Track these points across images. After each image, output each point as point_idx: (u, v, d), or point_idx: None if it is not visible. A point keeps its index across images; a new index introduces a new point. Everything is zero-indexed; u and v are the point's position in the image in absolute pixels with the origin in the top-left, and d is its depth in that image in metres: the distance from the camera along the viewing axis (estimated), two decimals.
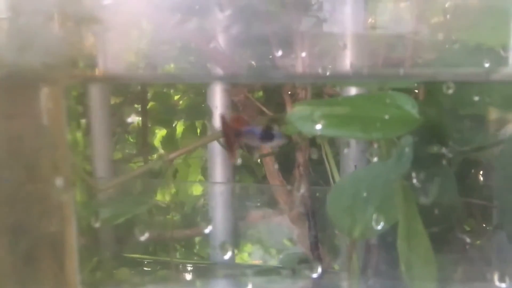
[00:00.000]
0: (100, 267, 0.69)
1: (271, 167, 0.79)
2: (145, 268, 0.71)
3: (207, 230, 0.71)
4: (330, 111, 0.68)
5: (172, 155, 0.73)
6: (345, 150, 0.78)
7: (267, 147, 0.68)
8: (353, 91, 0.78)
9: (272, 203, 0.77)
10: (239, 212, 0.76)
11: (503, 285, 0.63)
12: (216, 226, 0.74)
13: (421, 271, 0.67)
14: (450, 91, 0.65)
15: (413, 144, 0.68)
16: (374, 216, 0.69)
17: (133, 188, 0.72)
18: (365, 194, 0.71)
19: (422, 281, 0.67)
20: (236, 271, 0.68)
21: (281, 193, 0.78)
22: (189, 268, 0.74)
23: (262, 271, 0.73)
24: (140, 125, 0.79)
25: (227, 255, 0.69)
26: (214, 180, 0.77)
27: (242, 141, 0.67)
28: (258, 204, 0.77)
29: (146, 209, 0.69)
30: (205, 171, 0.78)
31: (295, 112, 0.68)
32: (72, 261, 0.56)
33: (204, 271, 0.71)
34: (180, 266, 0.73)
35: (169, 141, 0.82)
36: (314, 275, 0.65)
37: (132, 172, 0.75)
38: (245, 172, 0.80)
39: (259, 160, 0.79)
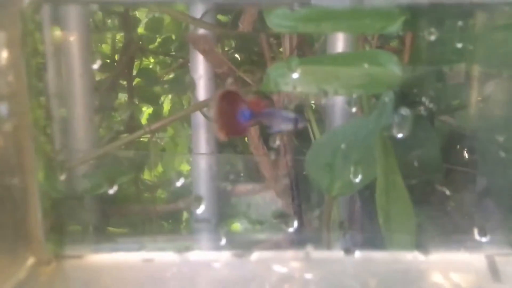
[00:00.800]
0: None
1: (256, 139, 0.78)
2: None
3: (192, 205, 0.71)
4: (311, 68, 0.67)
5: (154, 126, 0.72)
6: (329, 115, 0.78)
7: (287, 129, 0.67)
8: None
9: (257, 176, 0.77)
10: (224, 185, 0.76)
11: (483, 239, 0.67)
12: (201, 200, 0.74)
13: (400, 224, 0.69)
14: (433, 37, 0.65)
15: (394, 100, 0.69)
16: (354, 171, 0.70)
17: (116, 161, 0.71)
18: (344, 150, 0.71)
19: (400, 234, 0.70)
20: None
21: (266, 166, 0.78)
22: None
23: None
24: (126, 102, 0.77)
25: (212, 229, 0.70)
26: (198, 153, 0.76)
27: (261, 124, 0.67)
28: (243, 177, 0.77)
29: (127, 181, 0.68)
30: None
31: (274, 69, 0.67)
32: (35, 216, 0.57)
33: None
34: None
35: (156, 119, 0.80)
36: (290, 229, 0.67)
37: (112, 144, 0.73)
38: (228, 145, 0.79)
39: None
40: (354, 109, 0.76)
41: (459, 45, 0.68)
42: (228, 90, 0.67)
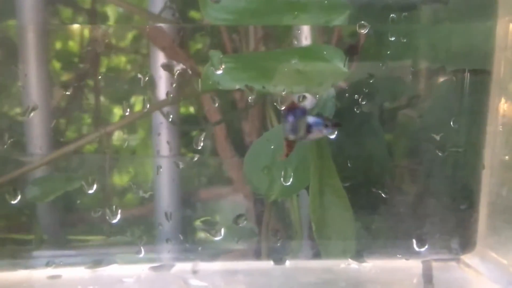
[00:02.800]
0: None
1: (222, 139, 0.74)
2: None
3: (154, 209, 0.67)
4: (254, 65, 0.64)
5: (109, 128, 0.67)
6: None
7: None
8: None
9: (224, 178, 0.72)
10: (188, 189, 0.71)
11: (422, 249, 0.64)
12: (163, 204, 0.69)
13: (337, 230, 0.66)
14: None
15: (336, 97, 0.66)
16: (292, 174, 0.66)
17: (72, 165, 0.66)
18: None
19: (337, 240, 0.66)
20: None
21: (233, 167, 0.73)
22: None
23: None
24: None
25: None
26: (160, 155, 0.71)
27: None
28: (209, 180, 0.72)
29: (78, 186, 0.64)
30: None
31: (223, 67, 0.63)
32: None
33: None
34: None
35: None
36: (217, 238, 0.62)
37: (65, 148, 0.68)
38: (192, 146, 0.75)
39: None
40: None
41: (405, 40, 0.65)
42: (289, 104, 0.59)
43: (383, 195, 0.66)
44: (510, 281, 0.58)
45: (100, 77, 0.69)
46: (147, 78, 0.66)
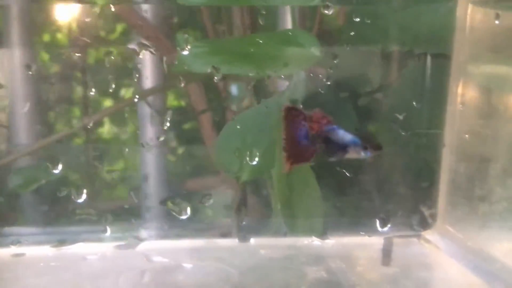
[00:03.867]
0: None
1: (209, 129, 0.73)
2: None
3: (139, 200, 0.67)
4: (226, 49, 0.65)
5: (91, 119, 0.67)
6: None
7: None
8: None
9: (211, 169, 0.72)
10: (175, 178, 0.72)
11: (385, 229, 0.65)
12: (150, 195, 0.69)
13: (304, 209, 0.67)
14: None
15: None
16: (262, 155, 0.67)
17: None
18: (255, 134, 0.68)
19: (305, 219, 0.67)
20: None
21: None
22: None
23: None
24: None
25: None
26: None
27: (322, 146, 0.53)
28: (196, 170, 0.73)
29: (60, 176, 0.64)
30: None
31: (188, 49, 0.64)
32: None
33: None
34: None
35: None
36: (183, 216, 0.63)
37: (48, 138, 0.68)
38: (179, 134, 0.74)
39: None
40: None
41: (376, 24, 0.66)
42: (289, 106, 0.55)
43: (347, 174, 0.67)
44: (465, 255, 0.59)
45: (86, 68, 0.69)
46: (132, 68, 0.67)
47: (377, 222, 0.65)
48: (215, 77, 0.65)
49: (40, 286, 0.52)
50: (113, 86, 0.66)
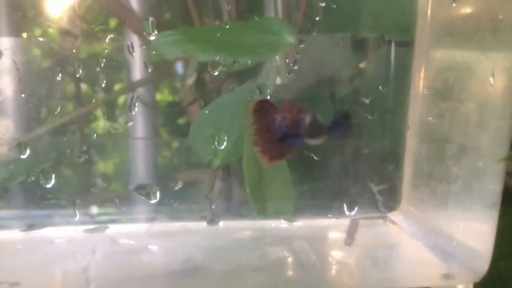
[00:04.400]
0: None
1: None
2: None
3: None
4: (199, 37, 0.65)
5: (80, 111, 0.68)
6: None
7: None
8: None
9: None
10: (165, 171, 0.72)
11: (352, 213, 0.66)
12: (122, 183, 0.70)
13: (274, 192, 0.68)
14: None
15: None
16: (235, 141, 0.68)
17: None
18: (228, 120, 0.69)
19: (275, 202, 0.68)
20: None
21: None
22: None
23: None
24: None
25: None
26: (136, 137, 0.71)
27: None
28: (186, 163, 0.73)
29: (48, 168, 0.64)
30: None
31: (161, 37, 0.64)
32: None
33: None
34: None
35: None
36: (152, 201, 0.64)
37: (37, 130, 0.69)
38: (169, 126, 0.74)
39: None
40: None
41: (343, 8, 0.67)
42: (261, 100, 0.55)
43: (315, 158, 0.68)
44: (425, 234, 0.61)
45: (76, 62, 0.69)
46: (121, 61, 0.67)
47: (344, 204, 0.67)
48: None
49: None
50: (104, 80, 0.67)
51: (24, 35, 0.67)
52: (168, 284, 0.51)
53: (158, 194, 0.65)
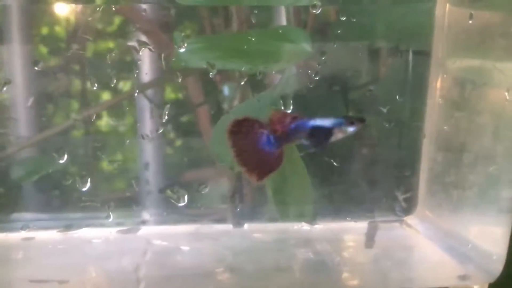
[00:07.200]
0: None
1: (205, 121, 0.76)
2: None
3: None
4: (220, 45, 0.69)
5: (90, 111, 0.70)
6: None
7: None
8: None
9: (209, 161, 0.75)
10: (173, 170, 0.75)
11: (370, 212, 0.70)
12: (148, 186, 0.73)
13: (295, 196, 0.71)
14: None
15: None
16: None
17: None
18: None
19: (296, 205, 0.72)
20: None
21: None
22: None
23: None
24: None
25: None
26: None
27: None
28: (193, 162, 0.76)
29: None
30: None
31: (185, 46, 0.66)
32: None
33: None
34: None
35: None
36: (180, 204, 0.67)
37: (48, 131, 0.72)
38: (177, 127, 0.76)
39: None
40: None
41: (363, 21, 0.70)
42: (239, 119, 0.54)
43: (335, 164, 0.72)
44: (441, 237, 0.64)
45: (86, 61, 0.71)
46: (132, 63, 0.70)
47: (363, 206, 0.70)
48: (210, 73, 0.69)
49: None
50: (114, 80, 0.70)
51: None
52: (209, 282, 0.55)
53: (186, 197, 0.69)
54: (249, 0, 0.70)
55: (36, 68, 0.67)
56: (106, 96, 0.73)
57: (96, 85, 0.70)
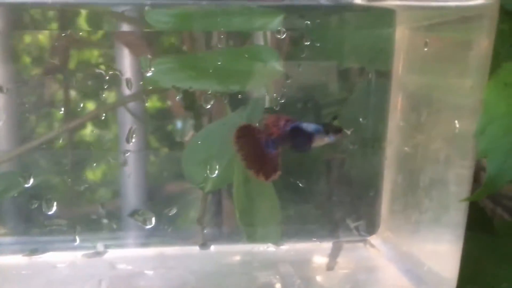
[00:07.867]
0: None
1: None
2: None
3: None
4: (190, 65, 0.68)
5: (71, 124, 0.70)
6: None
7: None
8: None
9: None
10: (154, 183, 0.76)
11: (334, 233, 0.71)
12: (128, 200, 0.73)
13: (262, 217, 0.72)
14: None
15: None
16: (225, 167, 0.72)
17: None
18: (219, 147, 0.73)
19: (263, 227, 0.73)
20: None
21: None
22: None
23: None
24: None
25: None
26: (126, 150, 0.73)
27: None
28: (176, 174, 0.76)
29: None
30: None
31: (156, 65, 0.66)
32: None
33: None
34: None
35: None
36: (148, 226, 0.68)
37: (27, 144, 0.71)
38: (161, 139, 0.77)
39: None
40: None
41: (327, 44, 0.71)
42: (241, 126, 0.59)
43: (300, 185, 0.73)
44: (400, 259, 0.66)
45: (68, 72, 0.71)
46: (112, 74, 0.70)
47: (328, 227, 0.72)
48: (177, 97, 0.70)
49: None
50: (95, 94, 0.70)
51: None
52: None
53: (153, 220, 0.70)
54: (215, 25, 0.71)
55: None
56: (88, 107, 0.72)
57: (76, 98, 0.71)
